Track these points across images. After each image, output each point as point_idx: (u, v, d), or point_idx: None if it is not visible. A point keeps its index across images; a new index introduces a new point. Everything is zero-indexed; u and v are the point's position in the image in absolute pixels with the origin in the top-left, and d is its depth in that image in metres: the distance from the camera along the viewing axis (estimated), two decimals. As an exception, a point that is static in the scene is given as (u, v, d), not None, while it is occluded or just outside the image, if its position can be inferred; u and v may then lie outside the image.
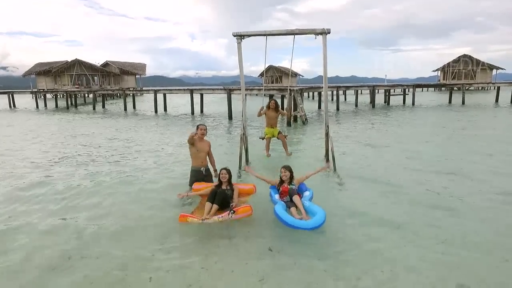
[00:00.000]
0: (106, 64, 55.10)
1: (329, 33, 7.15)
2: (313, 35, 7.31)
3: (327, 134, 7.88)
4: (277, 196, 5.18)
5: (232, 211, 4.63)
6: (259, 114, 8.87)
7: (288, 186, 5.13)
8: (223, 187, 5.18)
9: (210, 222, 4.62)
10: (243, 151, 7.91)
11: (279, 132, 8.86)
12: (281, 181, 5.30)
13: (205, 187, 5.56)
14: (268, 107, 8.88)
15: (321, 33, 7.19)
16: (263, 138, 8.93)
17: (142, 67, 60.70)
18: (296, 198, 4.95)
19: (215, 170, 6.15)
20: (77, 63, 48.54)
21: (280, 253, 3.92)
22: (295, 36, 7.50)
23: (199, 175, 6.00)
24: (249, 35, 7.44)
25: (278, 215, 4.59)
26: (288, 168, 5.29)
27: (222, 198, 4.89)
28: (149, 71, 64.06)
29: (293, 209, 4.77)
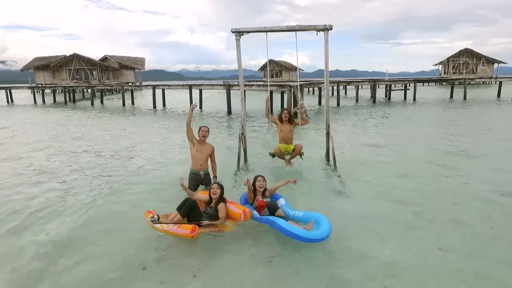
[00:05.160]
0: (104, 59, 54.69)
1: (331, 29, 6.92)
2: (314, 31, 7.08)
3: (328, 134, 7.68)
4: (255, 212, 4.63)
5: (176, 225, 4.13)
6: (267, 112, 7.41)
7: (265, 200, 4.75)
8: (213, 205, 4.61)
9: (158, 227, 4.18)
10: (242, 151, 7.70)
11: (296, 145, 7.15)
12: (254, 194, 4.84)
13: (204, 197, 4.88)
14: (281, 119, 7.23)
15: (322, 30, 6.96)
16: (273, 156, 7.23)
17: (141, 61, 60.30)
18: (280, 212, 4.54)
19: (215, 177, 5.82)
20: (76, 57, 48.20)
21: (279, 264, 3.75)
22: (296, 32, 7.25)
23: (197, 178, 5.69)
24: (248, 32, 7.19)
25: (283, 228, 4.06)
26: (264, 178, 4.95)
27: (189, 210, 4.37)
28: (148, 65, 63.69)
29: (291, 220, 4.40)
